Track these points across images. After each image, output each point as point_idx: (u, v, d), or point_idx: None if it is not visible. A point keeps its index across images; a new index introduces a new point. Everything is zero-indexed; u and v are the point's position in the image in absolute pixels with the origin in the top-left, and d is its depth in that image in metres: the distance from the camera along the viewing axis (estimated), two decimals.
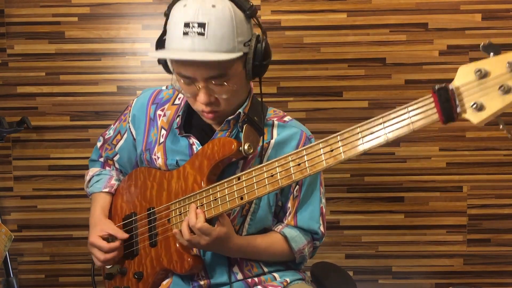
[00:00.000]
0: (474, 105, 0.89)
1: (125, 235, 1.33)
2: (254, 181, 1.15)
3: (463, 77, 0.92)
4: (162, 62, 1.25)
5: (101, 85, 2.09)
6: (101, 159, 1.51)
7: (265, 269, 1.34)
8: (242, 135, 1.23)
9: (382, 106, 2.05)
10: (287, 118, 1.38)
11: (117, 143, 1.45)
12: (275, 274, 1.34)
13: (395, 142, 2.06)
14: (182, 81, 1.20)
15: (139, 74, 2.09)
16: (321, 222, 1.38)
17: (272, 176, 1.13)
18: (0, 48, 2.08)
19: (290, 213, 1.34)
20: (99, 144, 1.51)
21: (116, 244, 1.31)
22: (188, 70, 1.16)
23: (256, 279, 1.31)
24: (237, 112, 1.27)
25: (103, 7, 2.07)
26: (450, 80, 0.86)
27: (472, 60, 0.88)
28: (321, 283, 1.45)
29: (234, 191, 1.17)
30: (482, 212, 2.10)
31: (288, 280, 1.35)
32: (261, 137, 1.27)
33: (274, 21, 2.04)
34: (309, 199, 1.35)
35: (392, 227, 2.12)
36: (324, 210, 1.39)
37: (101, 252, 1.31)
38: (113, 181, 1.45)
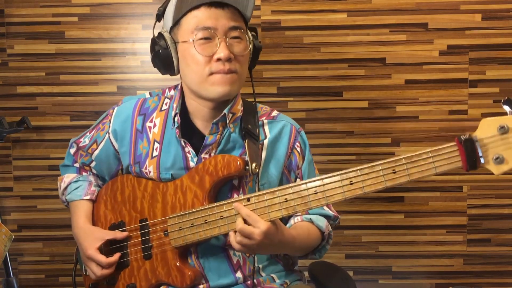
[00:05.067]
0: (497, 158, 0.98)
1: (124, 234, 1.30)
2: (266, 204, 1.14)
3: (486, 130, 1.00)
4: (162, 48, 1.25)
5: (101, 85, 2.09)
6: (76, 165, 1.46)
7: (263, 273, 1.33)
8: (246, 152, 1.23)
9: (382, 106, 2.05)
10: (274, 113, 1.39)
11: (93, 152, 1.41)
12: (273, 276, 1.34)
13: (396, 142, 2.06)
14: (196, 43, 1.21)
15: (139, 74, 2.09)
16: (329, 207, 1.37)
17: (286, 201, 1.13)
18: (0, 48, 2.08)
19: None
20: (72, 150, 1.46)
21: (115, 258, 1.28)
22: (210, 20, 1.20)
23: (255, 281, 1.30)
24: (223, 113, 1.27)
25: (103, 7, 2.07)
26: (450, 80, 0.87)
27: (472, 61, 0.89)
28: (320, 282, 1.45)
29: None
30: (482, 212, 2.10)
31: (288, 282, 1.35)
32: (259, 147, 1.28)
33: (274, 21, 2.04)
34: None
35: (392, 227, 2.12)
36: None
37: (98, 267, 1.28)
38: (93, 188, 1.41)
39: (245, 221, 1.13)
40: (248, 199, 1.15)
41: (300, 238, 1.25)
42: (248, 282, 1.30)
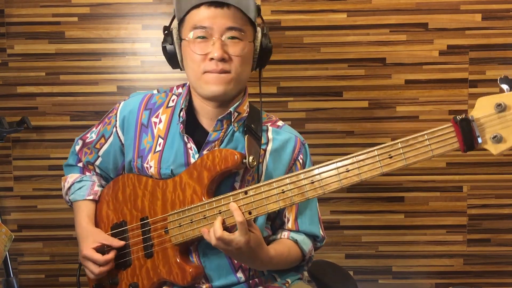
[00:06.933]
0: (495, 137, 0.95)
1: (121, 243, 1.30)
2: (264, 196, 1.14)
3: (483, 109, 0.97)
4: (168, 43, 1.27)
5: (101, 85, 2.09)
6: (80, 164, 1.45)
7: (265, 272, 1.34)
8: (245, 146, 1.23)
9: (382, 106, 2.05)
10: (280, 123, 1.39)
11: (101, 147, 1.40)
12: (275, 274, 1.35)
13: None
14: (194, 41, 1.22)
15: (139, 74, 2.09)
16: (320, 226, 1.39)
17: (283, 192, 1.13)
18: (0, 48, 2.08)
19: (289, 220, 1.34)
20: (77, 147, 1.45)
21: (111, 256, 1.28)
22: (208, 19, 1.20)
23: (256, 279, 1.31)
24: (228, 111, 1.27)
25: (103, 7, 2.07)
26: (450, 80, 0.87)
27: (472, 61, 0.89)
28: (320, 281, 1.45)
29: (241, 206, 1.15)
30: (482, 212, 2.10)
31: (289, 281, 1.36)
32: (260, 147, 1.28)
33: (274, 21, 2.04)
34: (307, 204, 1.35)
35: (392, 227, 2.12)
36: (319, 213, 1.40)
37: (95, 265, 1.28)
38: (96, 188, 1.40)
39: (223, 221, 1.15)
40: (246, 192, 1.16)
41: (278, 259, 1.26)
42: (251, 281, 1.30)
